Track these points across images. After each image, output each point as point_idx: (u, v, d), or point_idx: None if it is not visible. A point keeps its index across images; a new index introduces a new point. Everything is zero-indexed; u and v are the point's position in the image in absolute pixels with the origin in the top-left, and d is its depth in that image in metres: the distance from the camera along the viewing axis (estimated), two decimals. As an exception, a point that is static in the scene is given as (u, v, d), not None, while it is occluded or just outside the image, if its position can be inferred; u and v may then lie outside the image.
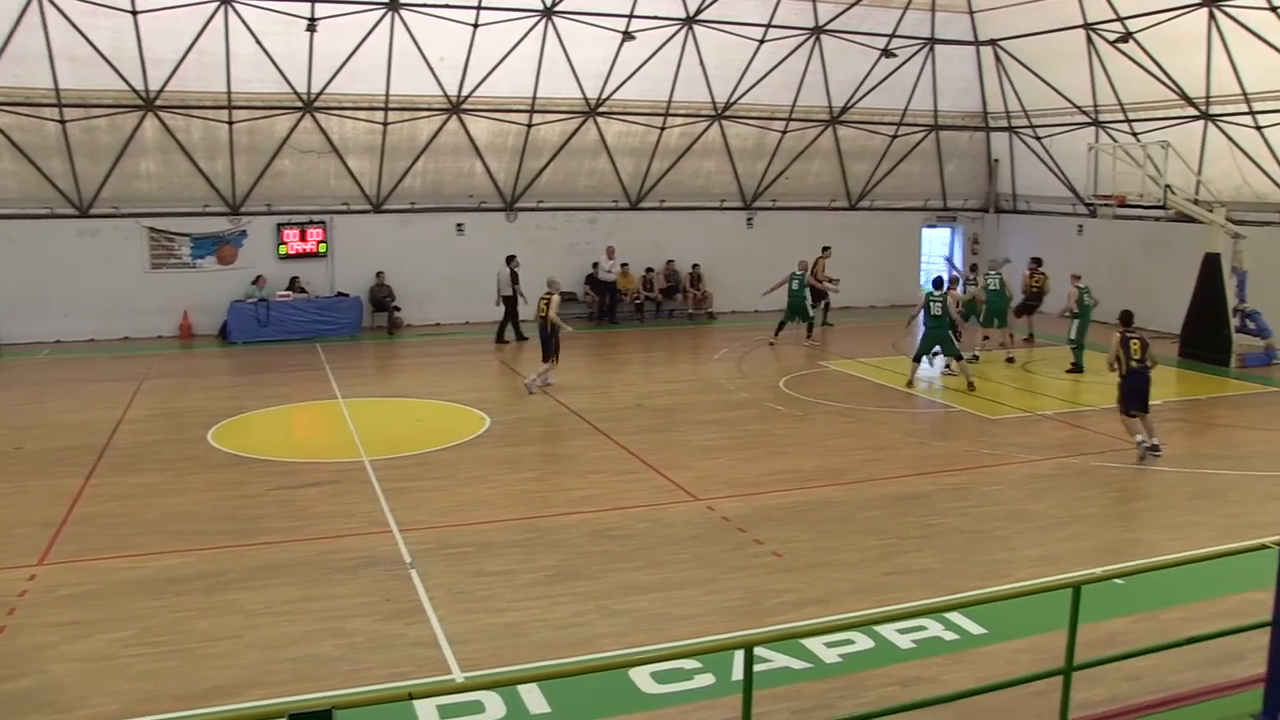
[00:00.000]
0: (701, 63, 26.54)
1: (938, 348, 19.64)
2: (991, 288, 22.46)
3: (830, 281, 26.23)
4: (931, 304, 19.33)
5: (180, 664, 8.18)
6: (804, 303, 24.01)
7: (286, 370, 20.83)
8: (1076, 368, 20.69)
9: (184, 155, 23.85)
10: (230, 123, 23.74)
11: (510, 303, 24.25)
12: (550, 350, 18.79)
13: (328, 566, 10.29)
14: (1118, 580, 9.31)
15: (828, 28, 27.10)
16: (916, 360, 19.66)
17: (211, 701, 7.60)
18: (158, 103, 23.02)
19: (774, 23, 26.43)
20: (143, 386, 19.05)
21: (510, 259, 24.31)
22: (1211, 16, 22.11)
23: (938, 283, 19.94)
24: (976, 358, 21.69)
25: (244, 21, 22.41)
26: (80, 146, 22.94)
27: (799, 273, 24.20)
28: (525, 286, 24.41)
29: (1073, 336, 20.81)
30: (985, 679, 7.65)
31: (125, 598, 9.50)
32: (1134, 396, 14.36)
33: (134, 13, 21.52)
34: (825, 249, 26.77)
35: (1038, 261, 24.65)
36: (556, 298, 18.89)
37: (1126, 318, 14.97)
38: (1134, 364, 14.27)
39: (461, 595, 9.57)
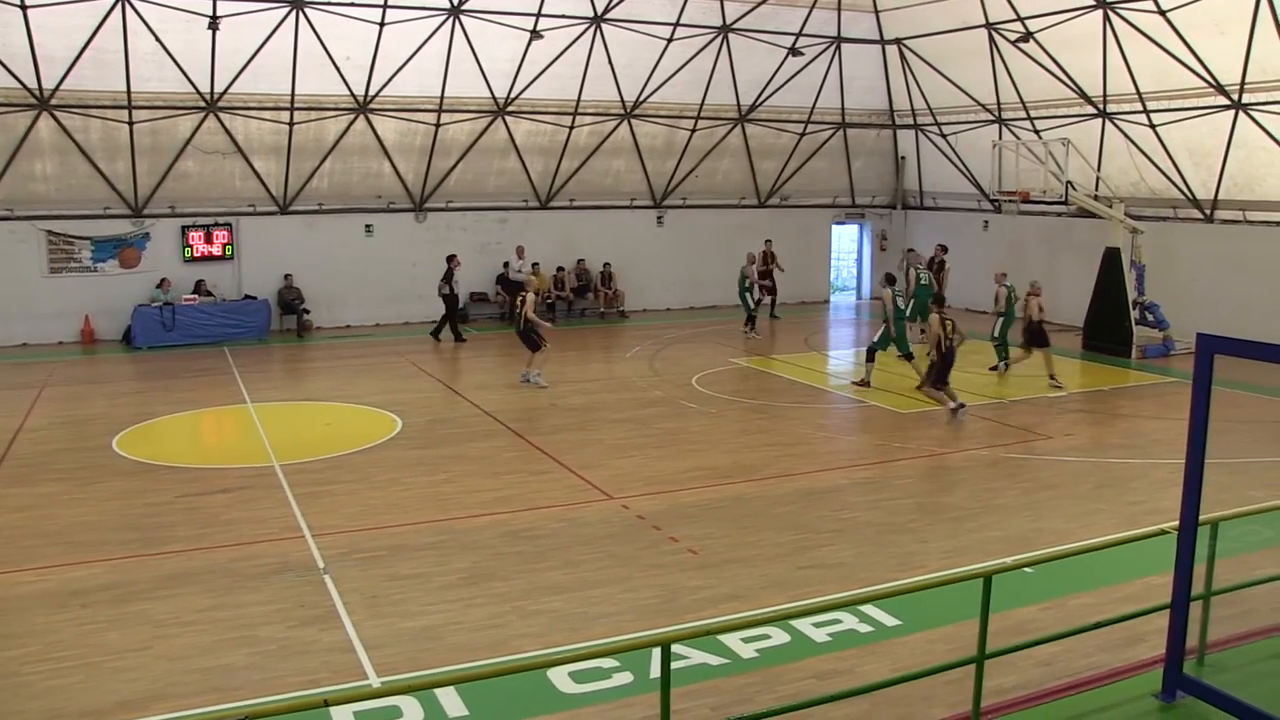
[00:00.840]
0: (610, 61, 26.56)
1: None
2: (922, 282, 22.68)
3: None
4: (898, 299, 19.78)
5: (85, 679, 7.95)
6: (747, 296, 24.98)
7: (193, 375, 20.39)
8: (1001, 366, 20.56)
9: (82, 156, 23.21)
10: (131, 123, 23.15)
11: (450, 302, 24.31)
12: (533, 344, 19.14)
13: (239, 574, 10.09)
14: (1027, 569, 9.51)
15: (735, 26, 27.30)
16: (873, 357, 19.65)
17: (119, 716, 7.40)
18: (53, 102, 22.36)
19: (682, 21, 26.57)
20: (43, 394, 18.50)
21: (451, 258, 24.49)
22: (1106, 18, 22.74)
23: (890, 278, 20.29)
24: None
25: (142, 18, 21.87)
26: (-32, 147, 22.22)
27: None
28: (432, 286, 24.35)
29: (995, 334, 20.60)
30: (900, 669, 7.77)
31: (27, 612, 9.21)
32: (947, 370, 16.56)
33: (23, 7, 20.84)
34: (767, 241, 27.91)
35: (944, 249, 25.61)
36: (532, 295, 19.21)
37: (940, 300, 17.91)
38: (949, 342, 16.40)
39: (376, 599, 9.45)
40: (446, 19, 24.29)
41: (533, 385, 18.99)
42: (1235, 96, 21.41)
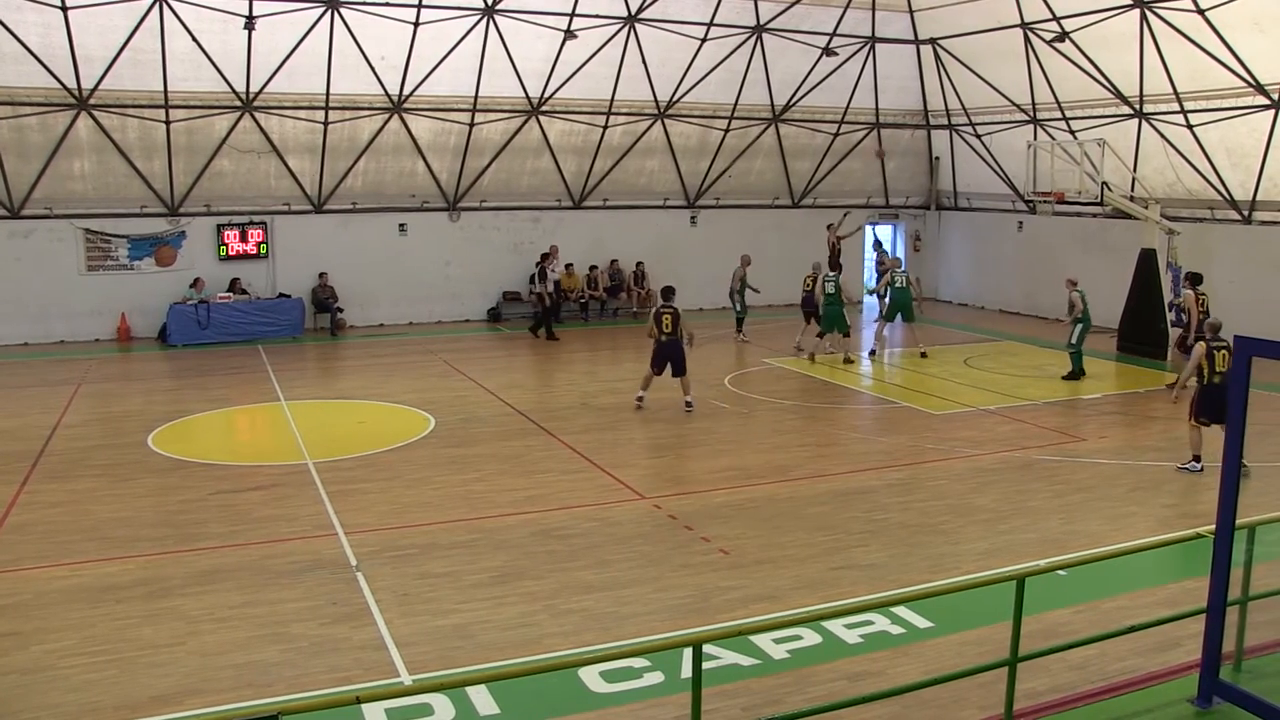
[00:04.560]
0: (644, 61, 26.55)
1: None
2: (898, 284, 22.52)
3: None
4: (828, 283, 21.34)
5: (120, 673, 8.03)
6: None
7: (228, 373, 20.55)
8: (1074, 374, 19.82)
9: (120, 155, 23.44)
10: (167, 122, 23.36)
11: (543, 300, 24.99)
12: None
13: (271, 571, 10.15)
14: (1060, 572, 9.44)
15: (769, 26, 27.22)
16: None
17: (152, 711, 7.47)
18: (91, 102, 22.59)
19: (715, 21, 26.50)
20: (79, 391, 18.70)
21: (543, 256, 25.39)
22: (1143, 17, 22.50)
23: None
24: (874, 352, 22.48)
25: (180, 19, 22.04)
26: (9, 146, 22.44)
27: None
28: (466, 285, 24.51)
29: (1073, 341, 19.76)
30: (931, 672, 7.72)
31: (62, 607, 9.31)
32: (663, 361, 17.13)
33: (64, 9, 21.05)
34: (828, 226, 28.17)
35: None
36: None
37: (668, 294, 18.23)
38: (664, 337, 17.14)
39: (407, 597, 9.49)
40: (481, 19, 24.35)
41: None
42: (1275, 96, 21.13)
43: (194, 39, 22.42)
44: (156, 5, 21.77)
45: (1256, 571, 8.08)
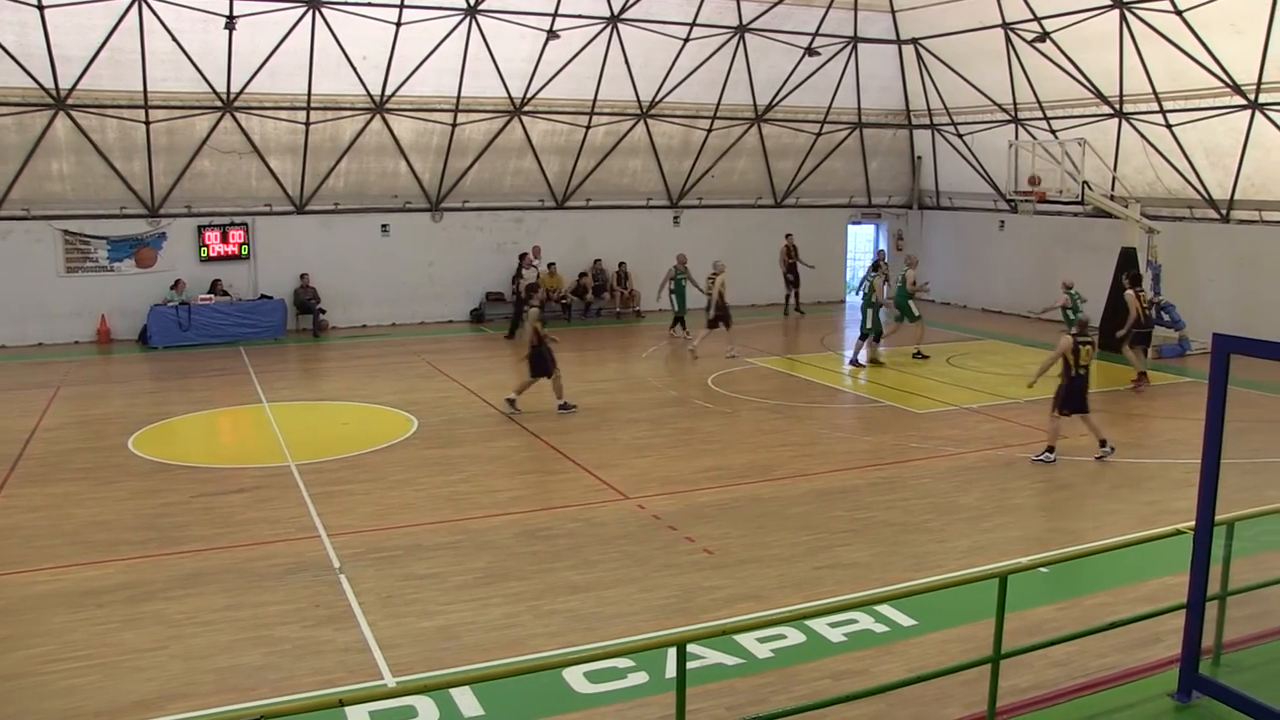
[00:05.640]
0: (626, 61, 26.55)
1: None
2: (896, 285, 22.65)
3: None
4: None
5: (102, 678, 7.99)
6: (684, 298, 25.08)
7: (209, 375, 20.47)
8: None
9: (99, 156, 23.31)
10: (147, 122, 23.24)
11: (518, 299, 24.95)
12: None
13: (254, 574, 10.12)
14: (1043, 569, 9.50)
15: (751, 26, 27.26)
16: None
17: (135, 716, 7.44)
18: (69, 102, 22.46)
19: (698, 21, 26.52)
20: (59, 394, 18.60)
21: (522, 256, 25.64)
22: (1123, 18, 22.62)
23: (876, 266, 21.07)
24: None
25: (159, 18, 21.93)
26: (-14, 146, 22.35)
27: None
28: (448, 286, 24.46)
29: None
30: (915, 669, 7.76)
31: (42, 612, 9.25)
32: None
33: (40, 7, 20.91)
34: (788, 235, 28.96)
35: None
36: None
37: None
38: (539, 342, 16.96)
39: (391, 599, 9.48)
40: (463, 19, 24.31)
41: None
42: (1252, 96, 21.29)
43: (174, 39, 22.32)
44: (135, 4, 21.65)
45: (1235, 567, 8.15)
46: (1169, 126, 23.23)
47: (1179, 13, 21.18)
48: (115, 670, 8.12)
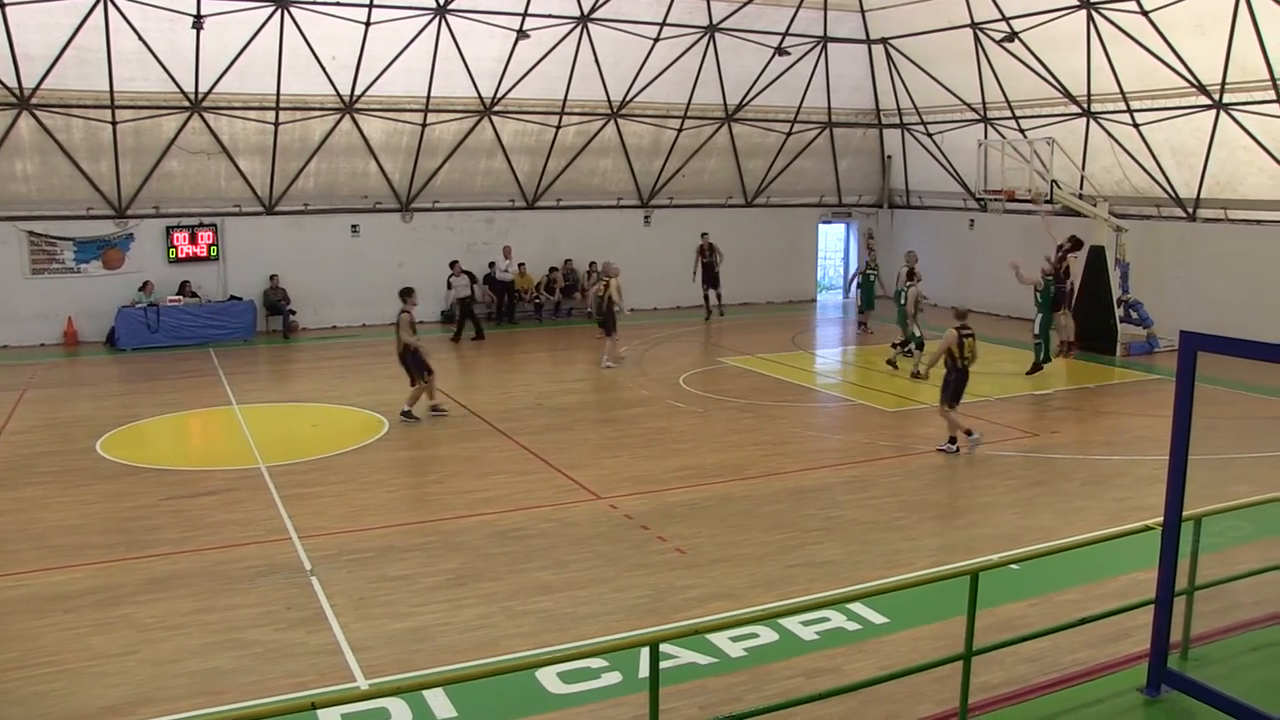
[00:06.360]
0: (596, 61, 26.53)
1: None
2: (871, 278, 22.74)
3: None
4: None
5: (69, 684, 7.91)
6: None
7: (178, 376, 20.31)
8: (1038, 365, 20.17)
9: (65, 156, 23.06)
10: (114, 123, 23.01)
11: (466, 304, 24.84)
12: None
13: (225, 577, 10.05)
14: (1014, 566, 9.56)
15: (721, 26, 27.29)
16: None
17: (104, 720, 7.38)
18: (33, 101, 22.21)
19: (668, 21, 26.53)
20: (25, 396, 18.40)
21: (454, 264, 25.32)
22: (1090, 18, 22.80)
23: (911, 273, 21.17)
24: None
25: (125, 17, 21.72)
26: (-52, 146, 22.08)
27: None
28: (419, 286, 24.08)
29: (1036, 332, 20.27)
30: (888, 667, 7.78)
31: (8, 617, 9.16)
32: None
33: (1, 5, 20.61)
34: (704, 235, 28.07)
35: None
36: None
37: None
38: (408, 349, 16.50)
39: (364, 601, 9.44)
40: (433, 19, 24.22)
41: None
42: (1216, 96, 21.50)
43: (140, 38, 22.11)
44: (100, 3, 21.42)
45: (1203, 562, 8.23)
46: (1136, 126, 23.44)
47: (1145, 13, 21.37)
48: (83, 676, 8.05)
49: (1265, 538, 10.99)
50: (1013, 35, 24.52)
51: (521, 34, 24.88)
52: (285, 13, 22.90)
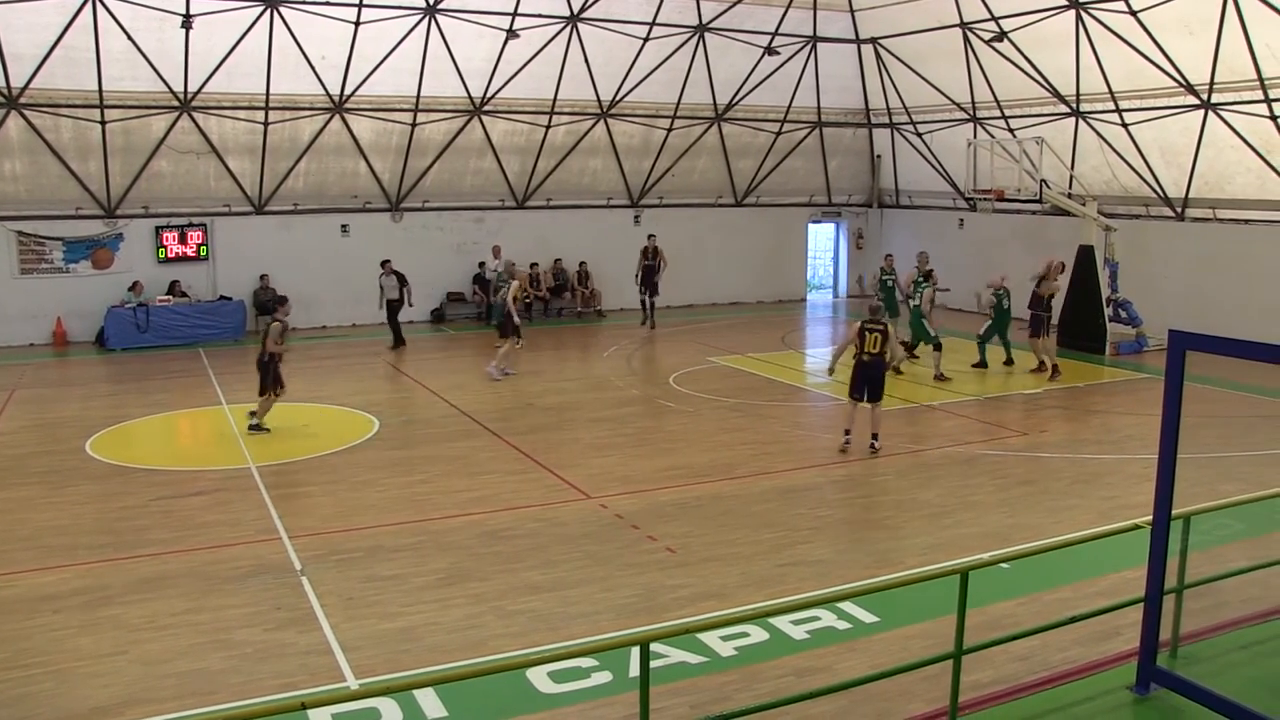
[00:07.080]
0: (586, 61, 26.52)
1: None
2: (889, 285, 22.78)
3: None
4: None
5: (57, 685, 7.88)
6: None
7: (168, 376, 20.26)
8: (980, 363, 20.79)
9: (54, 156, 22.99)
10: (103, 122, 22.95)
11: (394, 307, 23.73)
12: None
13: (214, 577, 10.03)
14: (1003, 565, 9.57)
15: (711, 26, 27.31)
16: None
17: (93, 721, 7.36)
18: (22, 101, 22.13)
19: (658, 21, 26.53)
20: (14, 396, 18.34)
21: (385, 263, 23.76)
22: (1079, 18, 22.85)
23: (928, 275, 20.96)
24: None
25: (114, 17, 21.65)
26: (-64, 146, 21.99)
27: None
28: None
29: (980, 333, 20.74)
30: (878, 666, 7.80)
31: (-2, 617, 9.14)
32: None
33: (-10, 6, 20.65)
34: (651, 236, 27.09)
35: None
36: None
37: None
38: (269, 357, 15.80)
39: (353, 601, 9.42)
40: (422, 18, 24.19)
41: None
42: (1205, 96, 21.57)
43: (129, 38, 22.04)
44: (89, 3, 21.36)
45: (1192, 560, 8.26)
46: (1125, 125, 23.51)
47: (1134, 13, 21.43)
48: (71, 677, 8.02)
49: (1254, 536, 11.03)
50: (1002, 35, 24.56)
51: (511, 34, 24.86)
52: (274, 12, 22.85)
